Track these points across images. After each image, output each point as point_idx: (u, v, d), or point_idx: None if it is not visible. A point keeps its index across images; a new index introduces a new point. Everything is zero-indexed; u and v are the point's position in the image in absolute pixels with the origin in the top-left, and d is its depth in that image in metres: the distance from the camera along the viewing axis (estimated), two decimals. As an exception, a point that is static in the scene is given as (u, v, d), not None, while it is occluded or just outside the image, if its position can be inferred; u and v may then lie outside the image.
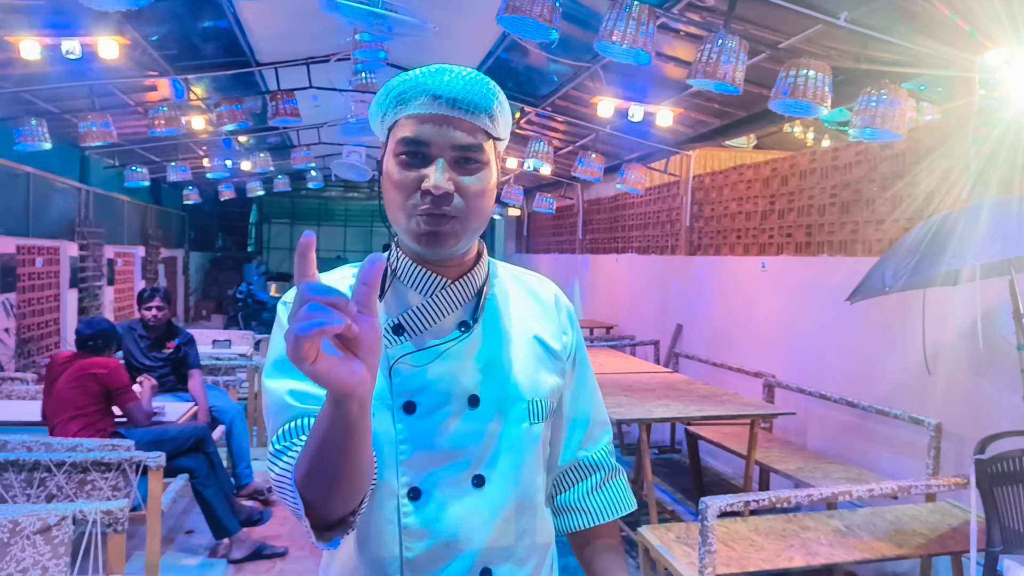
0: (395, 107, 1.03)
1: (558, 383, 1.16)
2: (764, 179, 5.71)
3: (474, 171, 1.02)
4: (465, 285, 1.09)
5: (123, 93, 6.22)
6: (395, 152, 1.03)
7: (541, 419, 1.12)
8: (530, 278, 1.23)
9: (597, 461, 1.26)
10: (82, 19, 4.41)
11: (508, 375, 1.09)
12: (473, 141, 1.01)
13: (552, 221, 11.64)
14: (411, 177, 1.01)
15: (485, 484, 1.06)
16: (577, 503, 1.24)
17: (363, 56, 5.33)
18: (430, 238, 1.01)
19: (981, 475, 2.74)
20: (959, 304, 3.52)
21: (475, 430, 1.06)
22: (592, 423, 1.26)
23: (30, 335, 6.44)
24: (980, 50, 3.17)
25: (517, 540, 1.08)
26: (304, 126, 8.51)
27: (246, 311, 13.78)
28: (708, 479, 5.37)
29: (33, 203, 6.89)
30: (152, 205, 11.85)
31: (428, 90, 1.00)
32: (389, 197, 1.04)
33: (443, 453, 1.04)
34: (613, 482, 1.27)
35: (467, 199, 1.01)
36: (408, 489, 1.03)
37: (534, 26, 3.21)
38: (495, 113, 1.03)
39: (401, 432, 1.03)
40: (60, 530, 2.44)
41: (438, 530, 1.03)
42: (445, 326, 1.08)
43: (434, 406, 1.04)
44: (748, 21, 3.87)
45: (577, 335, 1.24)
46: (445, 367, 1.06)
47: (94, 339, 3.83)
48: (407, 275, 1.09)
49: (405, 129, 1.01)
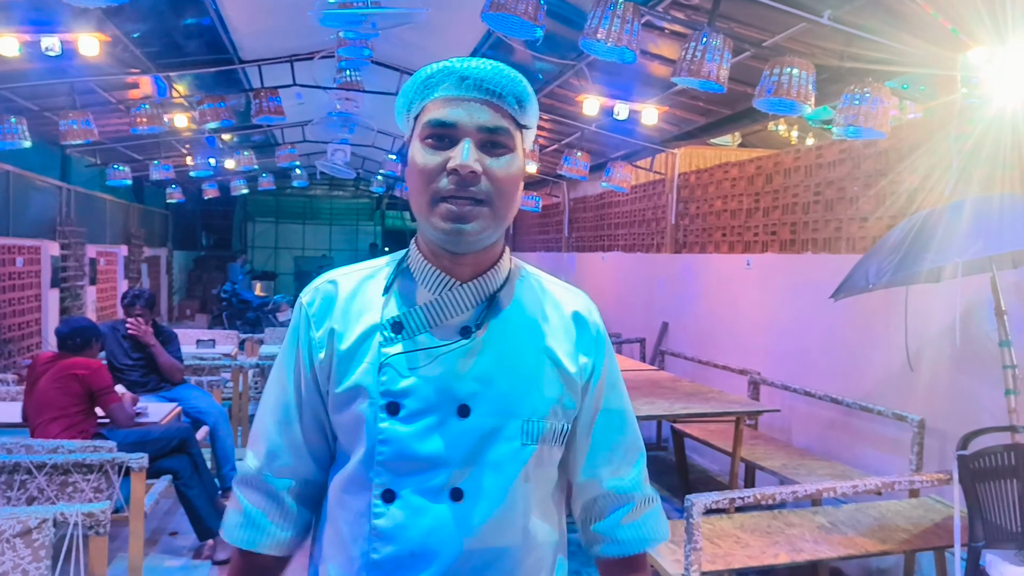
0: (422, 92, 1.02)
1: (566, 404, 1.09)
2: (749, 177, 5.73)
3: (501, 154, 1.00)
4: (476, 288, 1.05)
5: (104, 91, 6.16)
6: (421, 136, 1.01)
7: (534, 441, 1.05)
8: (559, 290, 1.16)
9: (629, 490, 1.20)
10: (62, 15, 4.35)
11: (506, 389, 1.04)
12: (500, 123, 1.00)
13: (538, 219, 11.64)
14: (437, 160, 0.99)
15: (463, 498, 1.01)
16: (607, 533, 1.18)
17: (347, 54, 5.29)
18: (456, 222, 0.98)
19: (964, 471, 2.76)
20: (941, 301, 3.55)
21: (460, 442, 1.01)
22: (624, 450, 1.19)
23: (11, 335, 6.36)
24: (962, 48, 3.19)
25: (490, 562, 1.03)
26: (288, 124, 8.47)
27: (230, 310, 13.68)
28: (694, 476, 5.38)
29: (13, 202, 6.81)
30: (135, 204, 11.74)
31: (455, 72, 1.00)
32: (413, 183, 1.02)
33: (421, 460, 1.01)
34: (647, 512, 1.21)
35: (494, 182, 0.99)
36: (383, 491, 1.01)
37: (519, 23, 3.20)
38: (523, 99, 1.02)
39: (381, 433, 1.01)
40: (41, 533, 2.41)
41: (407, 537, 1.00)
42: (447, 329, 1.04)
43: (419, 411, 1.01)
44: (732, 19, 3.88)
45: (603, 356, 1.15)
46: (439, 372, 1.02)
47: (72, 338, 3.78)
48: (419, 272, 1.06)
49: (431, 112, 1.00)
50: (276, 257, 19.07)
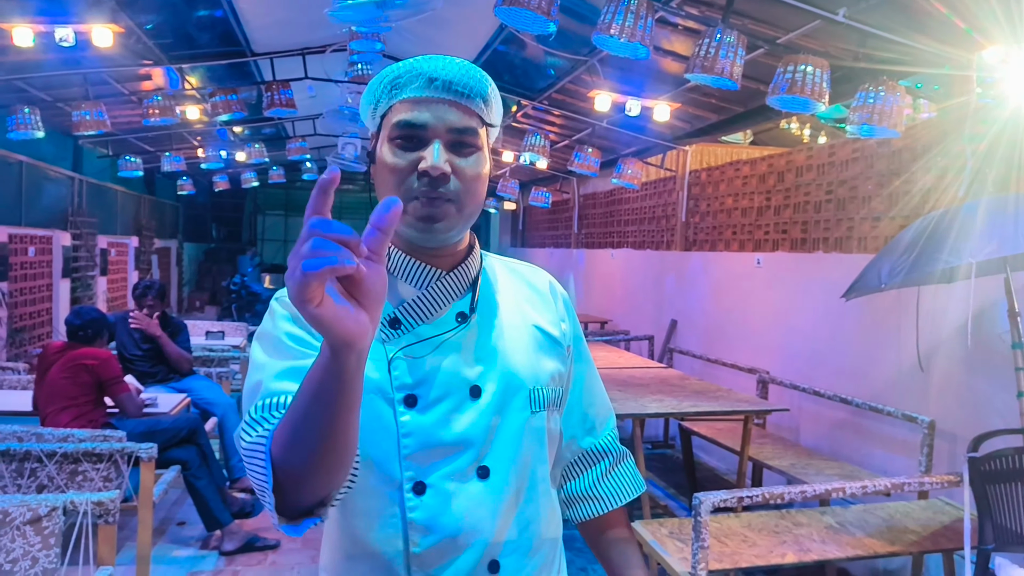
0: (389, 93, 1.03)
1: (560, 370, 1.15)
2: (760, 175, 5.71)
3: (469, 154, 1.02)
4: (459, 275, 1.08)
5: (117, 82, 6.19)
6: (389, 136, 1.02)
7: (543, 407, 1.11)
8: (523, 267, 1.23)
9: (604, 447, 1.27)
10: (76, 6, 4.37)
11: (508, 364, 1.08)
12: (469, 124, 1.02)
13: (548, 215, 11.63)
14: (407, 160, 1.00)
15: (490, 475, 1.04)
16: (587, 491, 1.25)
17: (359, 47, 5.30)
18: (427, 221, 1.00)
19: (974, 473, 2.74)
20: (953, 302, 3.52)
21: (478, 421, 1.04)
22: (596, 410, 1.26)
23: (22, 324, 6.40)
24: (977, 48, 3.16)
25: (522, 531, 1.07)
26: (299, 117, 8.48)
27: (240, 303, 13.74)
28: (701, 475, 5.37)
29: (26, 192, 6.85)
30: (146, 195, 11.79)
31: (423, 74, 1.01)
32: (383, 182, 1.03)
33: (447, 446, 1.02)
34: (621, 466, 1.28)
35: (463, 181, 1.01)
36: (413, 484, 1.01)
37: (532, 18, 3.19)
38: (489, 99, 1.05)
39: (404, 426, 1.02)
40: (51, 521, 2.42)
41: (444, 524, 1.01)
42: (442, 317, 1.06)
43: (436, 398, 1.03)
44: (746, 16, 3.86)
45: (574, 323, 1.23)
46: (445, 359, 1.04)
47: (84, 328, 3.81)
48: (399, 268, 1.07)
49: (400, 113, 1.01)
50: (285, 250, 19.13)
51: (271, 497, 0.81)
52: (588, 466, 1.25)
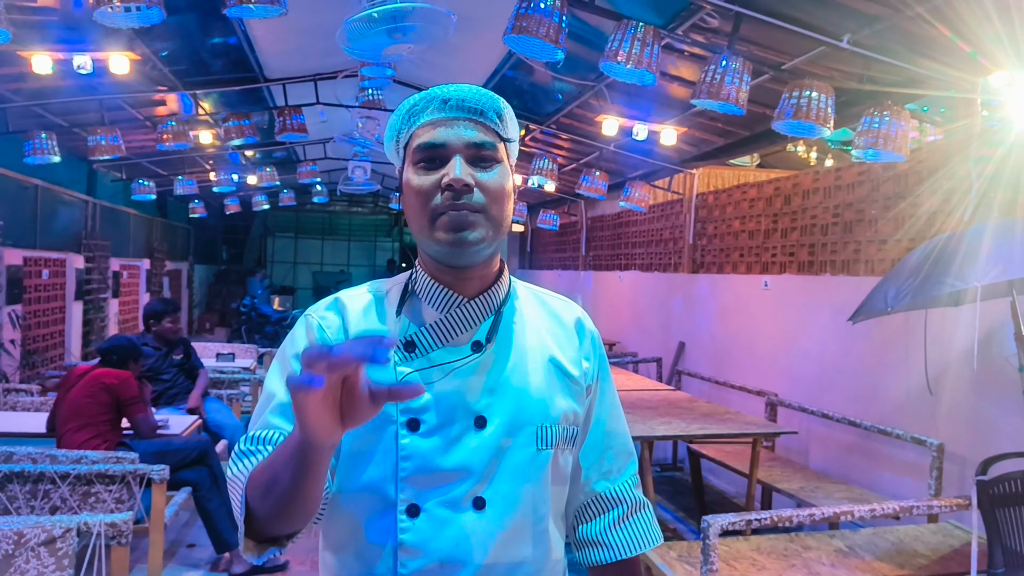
0: (407, 121, 1.07)
1: (575, 409, 1.14)
2: (767, 198, 5.74)
3: (490, 167, 1.05)
4: (482, 303, 1.09)
5: (132, 107, 6.28)
6: (412, 161, 1.06)
7: (550, 445, 1.09)
8: (553, 300, 1.21)
9: (619, 494, 1.22)
10: (94, 35, 4.46)
11: (518, 398, 1.08)
12: (486, 138, 1.05)
13: (555, 237, 11.67)
14: (431, 180, 1.03)
15: (486, 507, 1.04)
16: (598, 537, 1.21)
17: (370, 73, 5.38)
18: (456, 231, 1.02)
19: (983, 496, 2.74)
20: (961, 325, 3.53)
21: (479, 451, 1.05)
22: (615, 454, 1.23)
23: (35, 347, 6.46)
24: (982, 72, 3.19)
25: (515, 567, 1.06)
26: (310, 141, 8.57)
27: (250, 324, 13.79)
28: (710, 497, 5.36)
29: (41, 215, 6.94)
30: (158, 218, 11.90)
31: (437, 96, 1.06)
32: (410, 206, 1.06)
33: (445, 473, 1.04)
34: (637, 516, 1.23)
35: (487, 193, 1.04)
36: (407, 506, 1.03)
37: (540, 46, 3.24)
38: (503, 114, 1.09)
39: (404, 448, 1.03)
40: (64, 542, 2.45)
41: (434, 549, 1.02)
42: (458, 344, 1.07)
43: (439, 425, 1.04)
44: (752, 42, 3.91)
45: (601, 362, 1.21)
46: (454, 386, 1.05)
47: (108, 354, 3.98)
48: (424, 291, 1.10)
49: (420, 137, 1.05)
50: (295, 272, 19.23)
51: (243, 526, 0.94)
52: (600, 511, 1.21)
